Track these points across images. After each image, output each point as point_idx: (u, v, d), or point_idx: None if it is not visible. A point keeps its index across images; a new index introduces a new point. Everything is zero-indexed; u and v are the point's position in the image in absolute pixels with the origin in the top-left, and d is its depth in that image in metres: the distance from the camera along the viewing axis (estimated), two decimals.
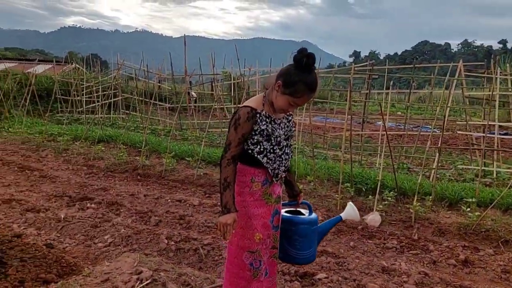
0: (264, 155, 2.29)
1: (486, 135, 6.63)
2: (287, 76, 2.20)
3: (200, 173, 6.65)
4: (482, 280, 3.54)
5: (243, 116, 2.25)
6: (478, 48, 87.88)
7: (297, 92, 2.18)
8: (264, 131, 2.28)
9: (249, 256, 2.36)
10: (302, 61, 2.15)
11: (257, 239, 2.35)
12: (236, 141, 2.26)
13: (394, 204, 5.37)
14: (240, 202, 2.33)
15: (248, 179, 2.32)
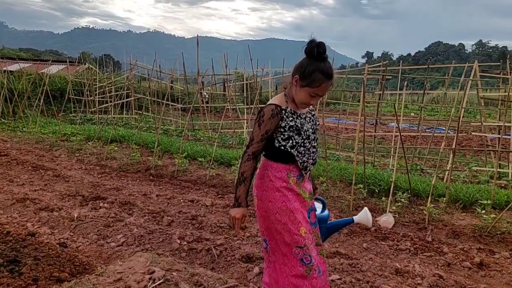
0: (296, 149, 2.33)
1: (502, 136, 6.52)
2: (302, 69, 2.24)
3: (213, 174, 6.66)
4: (498, 284, 3.48)
5: (267, 113, 2.29)
6: (493, 49, 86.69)
7: (315, 82, 2.22)
8: (294, 126, 2.32)
9: (298, 251, 2.35)
10: (313, 51, 2.20)
11: (303, 233, 2.35)
12: (259, 137, 2.31)
13: (407, 205, 5.32)
14: (281, 197, 2.35)
15: (284, 175, 2.35)
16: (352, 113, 14.29)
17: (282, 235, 2.34)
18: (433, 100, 21.14)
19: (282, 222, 2.33)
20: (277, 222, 2.34)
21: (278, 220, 2.33)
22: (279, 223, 2.33)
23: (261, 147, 2.32)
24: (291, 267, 2.36)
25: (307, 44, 2.23)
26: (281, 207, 2.32)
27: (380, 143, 9.92)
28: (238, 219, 2.33)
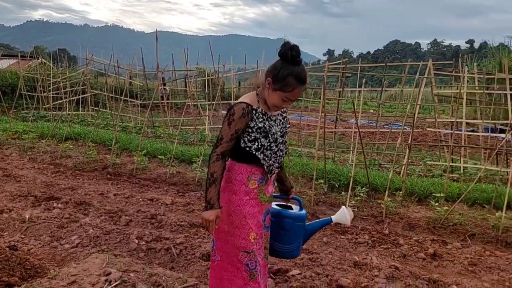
0: (261, 152, 2.27)
1: (454, 132, 6.80)
2: (275, 72, 2.19)
3: (173, 172, 6.55)
4: (450, 273, 3.62)
5: (238, 111, 2.21)
6: (447, 48, 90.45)
7: (288, 86, 2.17)
8: (262, 128, 2.25)
9: (245, 256, 2.32)
10: (287, 54, 2.15)
11: (252, 238, 2.32)
12: (228, 136, 2.23)
13: (366, 199, 5.44)
14: (236, 201, 2.30)
15: (245, 177, 2.30)
16: (313, 110, 14.47)
17: (232, 237, 2.32)
18: (391, 97, 21.77)
19: (234, 225, 2.30)
20: (228, 224, 2.31)
21: (230, 223, 2.31)
22: (231, 225, 2.31)
23: (230, 146, 2.24)
24: (235, 270, 2.34)
25: (281, 46, 2.18)
26: (235, 211, 2.29)
27: (341, 139, 10.11)
28: (212, 221, 2.24)
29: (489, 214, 4.80)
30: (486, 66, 17.06)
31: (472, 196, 5.29)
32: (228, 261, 2.37)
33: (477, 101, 8.45)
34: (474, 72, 8.77)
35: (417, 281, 3.20)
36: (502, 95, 7.92)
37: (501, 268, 3.70)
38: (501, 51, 17.91)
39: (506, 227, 4.46)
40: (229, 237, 2.33)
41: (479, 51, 44.88)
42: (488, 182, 6.13)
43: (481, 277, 3.57)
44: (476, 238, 4.45)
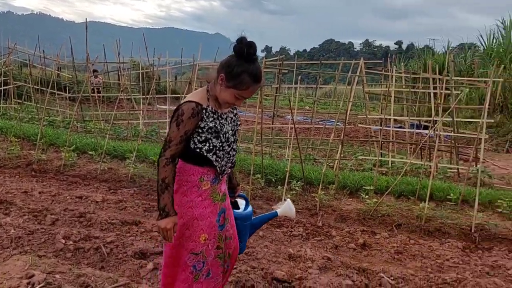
0: (214, 153, 2.17)
1: (383, 128, 7.15)
2: (229, 68, 2.09)
3: (104, 168, 6.27)
4: (378, 262, 3.80)
5: (187, 112, 2.09)
6: (378, 48, 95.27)
7: (242, 84, 2.09)
8: (213, 128, 2.15)
9: (192, 258, 2.25)
10: (243, 51, 2.07)
11: (202, 240, 2.24)
12: (177, 139, 2.10)
13: (301, 193, 5.56)
14: (186, 203, 2.21)
15: (197, 179, 2.20)
16: (251, 105, 14.57)
17: (181, 239, 2.24)
18: (325, 94, 22.53)
19: (184, 227, 2.23)
20: (179, 226, 2.22)
21: (180, 225, 2.22)
22: (181, 227, 2.22)
23: (179, 149, 2.12)
24: (180, 271, 2.28)
25: (236, 41, 2.09)
26: (186, 213, 2.21)
27: (278, 135, 10.27)
28: (169, 229, 2.13)
29: (414, 205, 5.11)
30: (413, 66, 18.18)
31: (398, 189, 5.59)
32: (174, 264, 2.30)
33: (404, 99, 8.96)
34: (401, 71, 9.29)
35: (348, 270, 3.33)
36: (426, 94, 8.45)
37: (424, 256, 3.95)
38: (425, 53, 19.14)
39: (429, 217, 4.77)
40: (177, 240, 2.25)
41: (406, 52, 47.68)
42: (413, 175, 6.52)
43: (406, 264, 3.79)
44: (402, 228, 4.71)
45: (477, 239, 4.42)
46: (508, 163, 8.82)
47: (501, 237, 4.48)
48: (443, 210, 5.10)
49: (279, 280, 3.15)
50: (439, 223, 4.68)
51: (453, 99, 7.16)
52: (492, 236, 4.50)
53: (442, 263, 3.80)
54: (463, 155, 8.14)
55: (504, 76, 12.15)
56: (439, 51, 20.01)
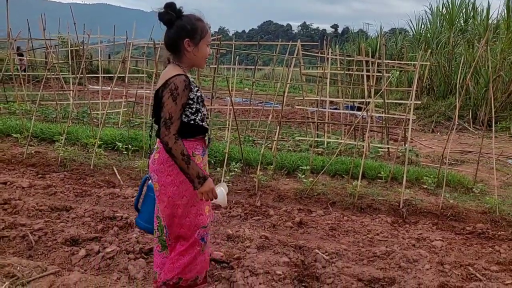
0: (204, 121, 2.27)
1: (319, 110, 7.34)
2: (184, 30, 2.18)
3: (31, 151, 5.88)
4: (313, 238, 3.93)
5: (181, 84, 2.14)
6: (315, 31, 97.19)
7: (203, 30, 2.23)
8: (200, 97, 2.24)
9: (202, 232, 2.33)
10: (177, 9, 2.18)
11: (207, 211, 2.35)
12: (178, 113, 2.14)
13: (240, 174, 5.59)
14: (184, 181, 2.23)
15: (190, 154, 2.21)
16: None
17: (189, 218, 2.28)
18: (265, 76, 22.66)
19: (189, 205, 2.27)
20: (183, 206, 2.26)
21: (184, 204, 2.25)
22: (185, 206, 2.26)
23: (179, 123, 2.16)
24: (191, 248, 2.34)
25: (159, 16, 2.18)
26: (187, 190, 2.25)
27: (217, 117, 10.20)
28: (212, 188, 2.22)
29: (348, 183, 5.32)
30: (348, 49, 18.77)
31: (333, 168, 5.79)
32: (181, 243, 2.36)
33: (339, 81, 9.24)
34: (337, 54, 9.53)
35: (285, 248, 3.40)
36: (360, 76, 8.76)
37: (356, 231, 4.15)
38: (360, 36, 19.79)
39: (361, 194, 5.00)
40: (184, 219, 2.29)
41: (342, 35, 49.06)
42: (347, 155, 6.78)
43: (340, 240, 3.96)
44: (337, 206, 4.90)
45: (404, 214, 4.71)
46: (433, 142, 9.47)
47: (426, 211, 4.80)
48: (374, 187, 5.38)
49: (217, 261, 3.15)
50: (371, 200, 4.92)
51: (384, 81, 7.49)
52: (418, 211, 4.81)
53: (373, 237, 4.01)
54: (393, 135, 8.59)
55: (431, 60, 12.92)
56: (372, 35, 20.85)
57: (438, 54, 13.52)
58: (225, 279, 2.90)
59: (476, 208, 4.87)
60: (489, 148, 5.50)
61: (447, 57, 13.36)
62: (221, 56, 11.15)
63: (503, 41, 11.81)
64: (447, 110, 11.95)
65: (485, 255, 3.73)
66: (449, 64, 13.22)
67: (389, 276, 3.04)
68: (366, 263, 3.34)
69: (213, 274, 2.99)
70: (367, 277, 3.01)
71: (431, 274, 3.09)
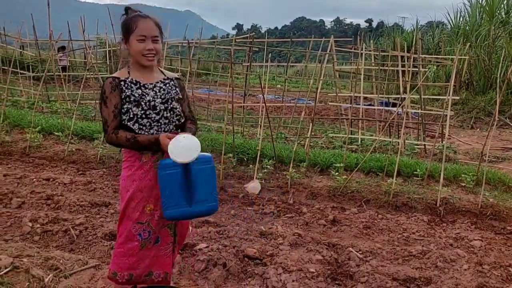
0: (135, 121, 2.24)
1: (353, 106, 7.25)
2: (121, 29, 2.27)
3: (72, 149, 6.12)
4: (347, 237, 3.90)
5: (107, 88, 2.23)
6: (348, 26, 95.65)
7: (132, 26, 2.21)
8: (131, 96, 2.24)
9: (138, 227, 2.31)
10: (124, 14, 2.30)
11: (148, 210, 2.31)
12: (111, 115, 2.22)
13: (272, 171, 5.60)
14: (129, 177, 2.29)
15: (136, 152, 2.29)
16: (222, 84, 14.41)
17: (127, 210, 2.31)
18: (297, 73, 22.53)
19: (130, 199, 2.29)
20: (124, 199, 2.31)
21: (127, 199, 2.29)
22: (127, 201, 2.30)
23: (117, 122, 2.24)
24: (126, 239, 2.32)
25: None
26: (131, 185, 2.29)
27: (250, 114, 10.25)
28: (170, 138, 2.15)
29: (382, 181, 5.23)
30: (382, 44, 18.37)
31: (368, 165, 5.70)
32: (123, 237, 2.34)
33: (373, 77, 9.08)
34: (371, 49, 9.37)
35: (318, 246, 3.40)
36: (395, 72, 8.59)
37: (391, 230, 4.08)
38: (395, 31, 19.33)
39: (396, 192, 4.91)
40: (124, 213, 2.32)
41: (376, 30, 48.05)
42: (382, 152, 6.66)
43: (374, 238, 3.91)
44: (371, 203, 4.84)
45: (441, 212, 4.59)
46: (473, 139, 9.14)
47: (464, 210, 4.66)
48: (410, 185, 5.26)
49: (251, 257, 3.19)
50: (406, 198, 4.83)
51: (420, 76, 7.30)
52: (456, 210, 4.68)
53: (408, 236, 3.93)
54: (430, 132, 8.36)
55: (470, 53, 12.46)
56: (408, 29, 20.28)
57: (477, 47, 13.01)
58: (258, 275, 2.94)
59: None
60: None
61: (487, 51, 12.83)
62: (254, 54, 11.19)
63: None
64: (487, 106, 11.50)
65: None
66: (489, 57, 12.69)
67: (425, 275, 2.98)
68: (401, 262, 3.28)
69: (247, 270, 3.03)
70: (402, 277, 2.96)
71: (469, 275, 3.01)
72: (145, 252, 2.33)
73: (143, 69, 2.32)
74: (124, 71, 2.32)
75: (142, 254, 2.32)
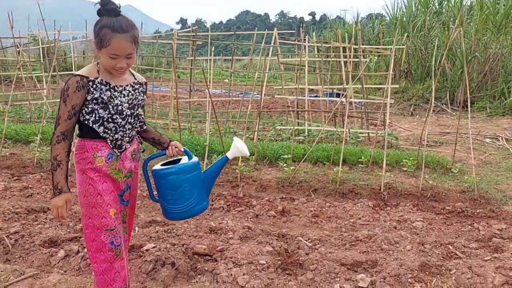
0: (101, 124, 2.09)
1: (298, 98, 7.33)
2: (94, 31, 2.02)
3: (6, 154, 5.74)
4: (296, 226, 3.94)
5: (72, 86, 2.03)
6: (293, 19, 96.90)
7: (104, 40, 1.98)
8: (99, 98, 2.07)
9: (108, 234, 2.17)
10: (100, 9, 2.00)
11: (113, 214, 2.17)
12: (65, 114, 2.05)
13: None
14: (85, 180, 2.13)
15: (90, 155, 2.12)
16: (167, 79, 14.10)
17: (91, 219, 2.15)
18: (244, 67, 22.54)
19: (90, 205, 2.15)
20: (85, 205, 2.15)
21: (86, 204, 2.15)
22: (87, 206, 2.15)
23: (70, 125, 2.07)
24: (100, 252, 2.18)
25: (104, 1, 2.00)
26: (88, 189, 2.14)
27: (198, 110, 10.10)
28: (61, 206, 2.07)
29: (329, 170, 5.34)
30: (326, 36, 18.77)
31: (315, 155, 5.80)
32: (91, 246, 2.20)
33: (317, 69, 9.23)
34: (313, 41, 9.52)
35: (268, 238, 3.40)
36: (338, 63, 8.78)
37: (338, 217, 4.17)
38: (337, 23, 19.81)
39: (342, 180, 5.03)
40: (88, 220, 2.17)
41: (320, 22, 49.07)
42: (328, 141, 6.80)
43: (322, 226, 3.98)
44: (319, 192, 4.92)
45: (385, 197, 4.76)
46: (413, 125, 9.58)
47: (406, 193, 4.86)
48: (356, 172, 5.41)
49: (200, 254, 3.13)
50: (352, 185, 4.96)
51: (361, 66, 7.51)
52: (399, 193, 4.87)
53: (355, 222, 4.04)
54: (373, 120, 8.65)
55: (408, 43, 13.02)
56: (349, 21, 20.87)
57: (414, 37, 13.64)
58: (208, 271, 2.88)
59: (455, 187, 4.95)
60: (467, 128, 5.58)
61: (423, 40, 13.48)
62: (199, 48, 11.03)
63: (477, 22, 11.98)
64: (425, 93, 12.09)
65: (464, 233, 3.80)
66: (426, 47, 13.35)
67: (371, 259, 3.07)
68: (349, 248, 3.36)
69: (196, 267, 2.97)
70: (350, 261, 3.02)
71: (412, 255, 3.13)
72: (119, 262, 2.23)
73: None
74: (93, 69, 2.11)
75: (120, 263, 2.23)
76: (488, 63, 11.49)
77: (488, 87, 11.54)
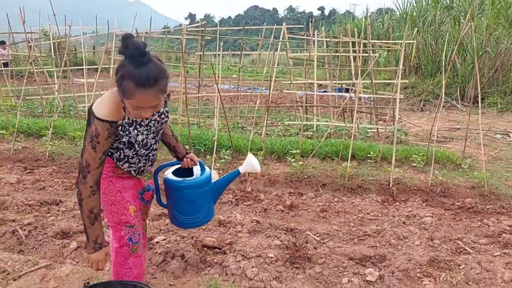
0: (126, 162, 2.10)
1: (307, 93, 7.33)
2: (116, 73, 1.80)
3: (19, 147, 5.82)
4: (304, 221, 3.96)
5: (103, 133, 1.89)
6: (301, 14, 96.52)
7: (126, 92, 1.76)
8: (126, 142, 2.03)
9: (128, 231, 2.18)
10: (125, 52, 1.75)
11: (132, 211, 2.18)
12: (97, 162, 1.91)
13: (230, 161, 5.58)
14: (104, 177, 2.06)
15: (112, 165, 2.13)
16: (176, 75, 14.16)
17: (112, 215, 2.19)
18: (252, 62, 22.51)
19: (109, 202, 2.16)
20: (105, 203, 2.16)
21: (105, 201, 2.16)
22: (107, 203, 2.16)
23: (101, 170, 1.95)
24: (118, 245, 2.22)
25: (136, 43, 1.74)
26: (107, 187, 2.14)
27: (206, 105, 10.14)
28: (102, 260, 2.04)
29: (338, 165, 5.34)
30: (335, 31, 18.68)
31: (323, 151, 5.80)
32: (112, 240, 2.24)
33: (326, 64, 9.20)
34: (322, 35, 9.48)
35: (276, 231, 3.42)
36: (347, 58, 8.75)
37: (347, 211, 4.18)
38: (346, 18, 19.69)
39: (351, 175, 5.03)
40: (108, 216, 2.20)
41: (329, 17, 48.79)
42: (336, 137, 6.80)
43: (330, 221, 3.99)
44: (327, 187, 4.93)
45: (394, 192, 4.75)
46: (423, 121, 9.52)
47: (415, 189, 4.85)
48: (364, 168, 5.40)
49: (209, 246, 3.16)
50: (361, 180, 4.95)
51: (371, 61, 7.48)
52: (408, 189, 4.86)
53: (364, 217, 4.04)
54: (383, 116, 8.62)
55: (418, 38, 12.91)
56: (359, 16, 20.73)
57: (424, 32, 13.52)
58: (217, 264, 2.92)
59: (465, 183, 4.92)
60: (477, 124, 5.55)
61: (433, 35, 13.36)
62: (207, 44, 11.05)
63: (489, 17, 11.84)
64: (435, 88, 11.99)
65: (474, 229, 3.79)
66: (436, 42, 13.23)
67: (379, 253, 3.08)
68: (357, 242, 3.37)
69: (206, 260, 3.00)
70: (358, 256, 3.04)
71: (421, 250, 3.13)
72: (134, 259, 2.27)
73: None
74: (118, 109, 1.92)
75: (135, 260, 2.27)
76: (499, 58, 11.36)
77: (499, 83, 11.42)
